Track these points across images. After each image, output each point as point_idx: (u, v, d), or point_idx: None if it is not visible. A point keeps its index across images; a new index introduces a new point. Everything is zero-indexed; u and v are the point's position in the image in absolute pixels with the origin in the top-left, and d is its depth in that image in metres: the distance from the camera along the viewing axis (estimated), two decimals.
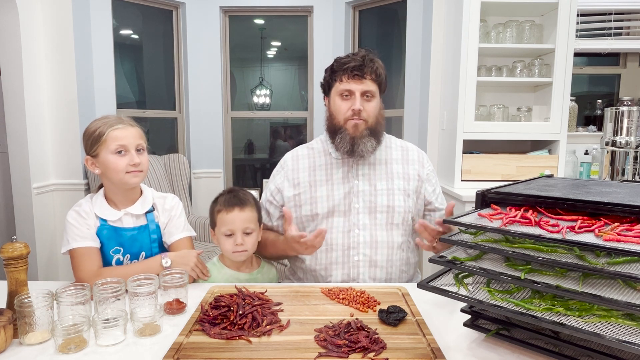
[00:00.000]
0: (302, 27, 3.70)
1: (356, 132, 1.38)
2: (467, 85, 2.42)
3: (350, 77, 1.37)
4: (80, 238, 1.27)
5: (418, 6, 2.97)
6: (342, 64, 1.39)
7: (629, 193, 0.88)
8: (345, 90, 1.39)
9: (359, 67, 1.37)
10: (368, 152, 1.40)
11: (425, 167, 1.51)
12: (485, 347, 0.90)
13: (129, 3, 3.24)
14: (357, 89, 1.37)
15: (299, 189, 1.48)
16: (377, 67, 1.39)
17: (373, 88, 1.39)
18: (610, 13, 3.00)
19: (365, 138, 1.39)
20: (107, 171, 1.28)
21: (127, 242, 1.32)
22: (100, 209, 1.32)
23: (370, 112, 1.39)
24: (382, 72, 1.41)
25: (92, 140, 1.28)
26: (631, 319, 0.71)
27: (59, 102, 2.77)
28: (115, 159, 1.26)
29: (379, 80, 1.40)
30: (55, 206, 2.81)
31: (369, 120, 1.39)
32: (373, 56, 1.41)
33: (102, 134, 1.26)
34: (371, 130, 1.40)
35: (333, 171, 1.47)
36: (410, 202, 1.45)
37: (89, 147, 1.29)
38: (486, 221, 0.87)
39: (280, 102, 5.59)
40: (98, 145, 1.27)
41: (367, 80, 1.37)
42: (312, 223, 1.46)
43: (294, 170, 1.51)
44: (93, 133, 1.27)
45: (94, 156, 1.29)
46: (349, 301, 1.10)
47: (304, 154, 1.53)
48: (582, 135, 2.93)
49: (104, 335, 0.91)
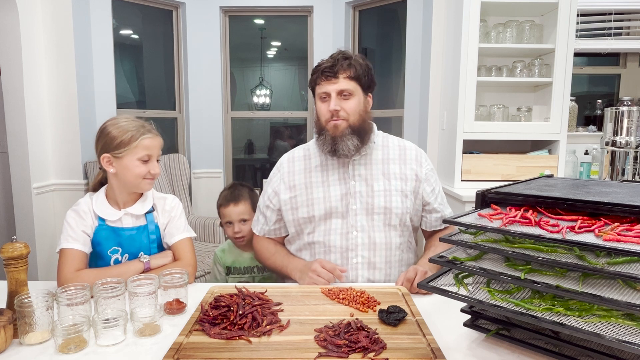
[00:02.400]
0: (302, 27, 3.70)
1: (336, 132, 1.38)
2: (467, 85, 2.42)
3: (325, 79, 1.38)
4: (71, 239, 1.27)
5: (418, 6, 2.97)
6: (317, 66, 1.41)
7: (629, 193, 0.88)
8: (322, 92, 1.40)
9: (330, 67, 1.37)
10: (350, 151, 1.39)
11: (424, 167, 1.49)
12: (485, 347, 0.90)
13: (129, 3, 3.24)
14: (332, 89, 1.37)
15: (295, 191, 1.47)
16: (350, 63, 1.38)
17: (349, 86, 1.38)
18: (610, 13, 3.00)
19: (347, 137, 1.37)
20: (126, 174, 1.29)
21: (125, 242, 1.32)
22: (100, 208, 1.32)
23: (350, 110, 1.38)
24: (359, 69, 1.39)
25: (121, 142, 1.27)
26: (631, 319, 0.71)
27: (59, 102, 2.77)
28: (138, 166, 1.29)
29: (356, 77, 1.39)
30: (55, 206, 2.81)
31: (349, 118, 1.38)
32: (349, 54, 1.40)
33: (133, 140, 1.27)
34: (353, 129, 1.38)
35: (329, 172, 1.47)
36: (408, 203, 1.44)
37: (112, 147, 1.28)
38: (486, 221, 0.87)
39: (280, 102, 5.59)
40: (126, 149, 1.27)
41: (340, 79, 1.37)
42: (309, 225, 1.45)
43: (289, 173, 1.50)
44: (122, 135, 1.27)
45: (116, 157, 1.28)
46: (349, 301, 1.09)
47: (299, 156, 1.53)
48: (582, 135, 2.93)
49: (104, 335, 0.91)
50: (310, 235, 1.45)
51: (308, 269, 1.31)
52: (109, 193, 1.35)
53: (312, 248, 1.45)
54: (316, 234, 1.44)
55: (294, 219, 1.46)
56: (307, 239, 1.46)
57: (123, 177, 1.30)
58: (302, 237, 1.47)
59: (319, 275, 1.27)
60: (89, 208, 1.32)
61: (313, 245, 1.45)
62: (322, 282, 1.26)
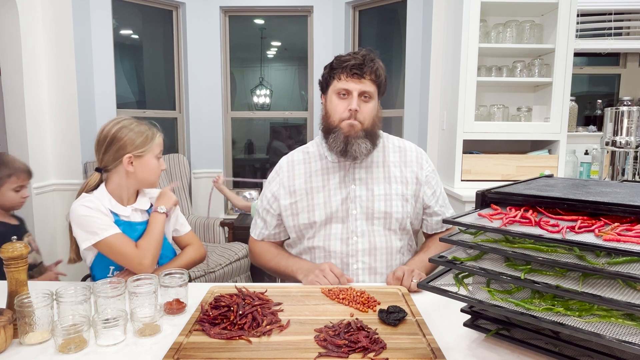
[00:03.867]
0: (302, 27, 3.70)
1: (351, 132, 1.34)
2: (467, 85, 2.42)
3: (350, 75, 1.33)
4: (109, 227, 1.29)
5: (418, 6, 2.97)
6: (342, 61, 1.35)
7: (629, 193, 0.88)
8: (343, 89, 1.34)
9: (359, 65, 1.33)
10: (362, 154, 1.35)
11: (425, 169, 1.46)
12: (485, 347, 0.90)
13: (129, 3, 3.24)
14: (356, 89, 1.33)
15: (295, 197, 1.44)
16: (377, 67, 1.35)
17: (371, 89, 1.35)
18: (610, 13, 3.00)
19: (360, 139, 1.34)
20: (145, 172, 1.35)
21: (139, 237, 1.36)
22: (110, 204, 1.34)
23: (367, 114, 1.35)
24: (382, 74, 1.37)
25: (142, 141, 1.34)
26: (631, 319, 0.71)
27: (59, 102, 2.77)
28: (156, 163, 1.38)
29: (378, 82, 1.36)
30: (55, 206, 2.81)
31: (365, 122, 1.35)
32: (374, 56, 1.37)
33: (152, 138, 1.36)
34: (367, 132, 1.35)
35: (330, 176, 1.43)
36: (408, 207, 1.42)
37: (134, 147, 1.33)
38: (486, 221, 0.87)
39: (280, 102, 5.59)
40: (147, 147, 1.35)
41: (366, 80, 1.33)
42: (310, 230, 1.43)
43: (289, 178, 1.47)
44: (142, 135, 1.34)
45: (137, 156, 1.33)
46: (349, 301, 1.09)
47: (299, 159, 1.49)
48: (582, 135, 2.93)
49: (104, 335, 0.91)
50: (311, 240, 1.44)
51: (316, 268, 1.30)
52: (113, 191, 1.36)
53: (312, 253, 1.44)
54: (316, 239, 1.42)
55: (295, 224, 1.44)
56: (308, 244, 1.44)
57: (141, 175, 1.35)
58: (303, 242, 1.46)
59: (325, 276, 1.26)
60: (101, 203, 1.32)
61: (313, 250, 1.44)
62: (325, 283, 1.25)
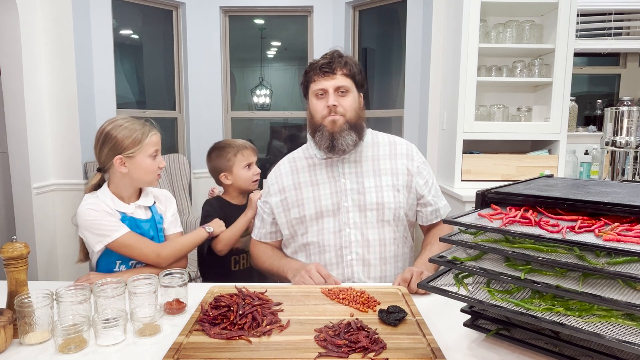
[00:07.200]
0: (302, 27, 3.70)
1: (334, 127, 1.39)
2: (467, 85, 2.42)
3: (322, 74, 1.39)
4: (118, 226, 1.31)
5: (418, 6, 2.97)
6: (313, 64, 1.43)
7: (629, 193, 0.88)
8: (319, 89, 1.40)
9: (328, 64, 1.39)
10: (349, 146, 1.39)
11: (415, 160, 1.50)
12: (485, 347, 0.90)
13: (129, 3, 3.24)
14: (329, 85, 1.39)
15: (284, 193, 1.49)
16: (346, 61, 1.41)
17: (346, 83, 1.40)
18: (610, 13, 3.00)
19: (345, 132, 1.39)
20: (139, 172, 1.34)
21: (145, 233, 1.37)
22: (113, 203, 1.35)
23: (347, 106, 1.40)
24: (353, 67, 1.42)
25: (132, 142, 1.32)
26: (631, 319, 0.71)
27: (59, 102, 2.77)
28: (150, 162, 1.36)
29: (351, 74, 1.41)
30: (55, 206, 2.81)
31: (346, 114, 1.40)
32: (343, 53, 1.43)
33: (143, 138, 1.34)
34: (351, 125, 1.40)
35: (317, 172, 1.48)
36: (401, 197, 1.44)
37: (124, 148, 1.32)
38: (486, 221, 0.87)
39: (280, 102, 5.59)
40: (138, 148, 1.33)
41: (337, 75, 1.39)
42: (301, 226, 1.46)
43: (277, 177, 1.54)
44: (132, 135, 1.32)
45: (128, 157, 1.33)
46: (349, 301, 1.09)
47: (285, 162, 1.56)
48: (582, 135, 2.93)
49: (104, 335, 0.91)
50: (304, 236, 1.45)
51: (302, 269, 1.31)
52: (115, 190, 1.37)
53: (307, 249, 1.46)
54: (309, 234, 1.44)
55: (287, 220, 1.48)
56: (302, 240, 1.46)
57: (136, 175, 1.34)
58: (297, 239, 1.48)
59: (310, 277, 1.27)
60: (105, 203, 1.33)
61: (308, 247, 1.45)
62: (310, 283, 1.26)
